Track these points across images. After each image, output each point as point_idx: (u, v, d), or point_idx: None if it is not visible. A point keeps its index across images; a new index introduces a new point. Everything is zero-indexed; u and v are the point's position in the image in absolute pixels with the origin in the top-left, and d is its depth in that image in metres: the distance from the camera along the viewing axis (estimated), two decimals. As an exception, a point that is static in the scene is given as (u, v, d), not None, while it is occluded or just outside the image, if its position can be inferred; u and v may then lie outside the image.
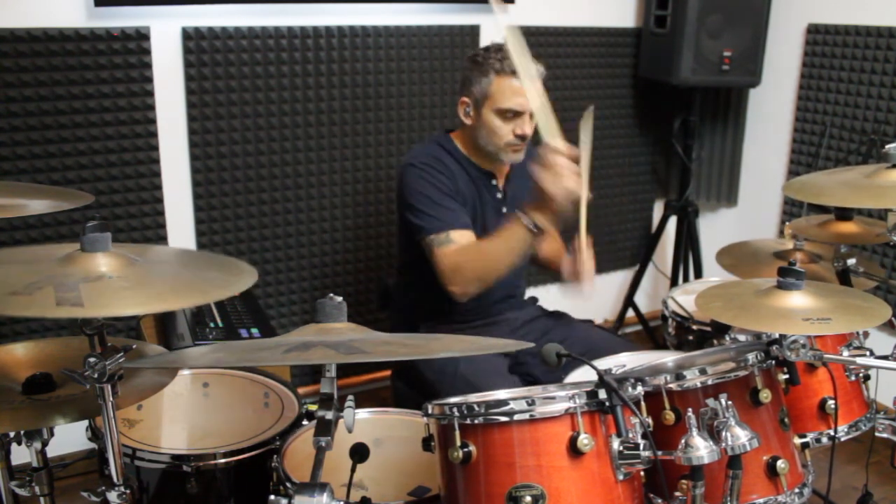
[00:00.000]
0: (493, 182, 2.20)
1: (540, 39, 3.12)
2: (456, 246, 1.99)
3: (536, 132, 1.94)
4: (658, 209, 3.69)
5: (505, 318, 2.27)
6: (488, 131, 2.07)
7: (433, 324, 2.20)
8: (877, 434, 1.76)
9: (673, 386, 1.42)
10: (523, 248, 1.92)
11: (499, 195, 2.21)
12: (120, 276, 1.19)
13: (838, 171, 1.97)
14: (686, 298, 2.26)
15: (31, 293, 1.10)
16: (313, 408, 1.26)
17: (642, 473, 1.32)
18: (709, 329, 2.07)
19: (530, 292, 2.46)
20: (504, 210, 2.20)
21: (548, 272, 2.38)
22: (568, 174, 1.78)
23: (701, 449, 1.20)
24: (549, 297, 2.53)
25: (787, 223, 2.20)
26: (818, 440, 1.67)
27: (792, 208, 3.30)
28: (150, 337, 2.32)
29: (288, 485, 1.46)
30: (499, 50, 2.04)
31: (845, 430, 1.70)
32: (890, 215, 1.76)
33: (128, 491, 1.34)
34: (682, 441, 1.21)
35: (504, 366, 2.11)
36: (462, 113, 2.12)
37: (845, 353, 1.70)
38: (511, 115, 2.04)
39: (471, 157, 2.17)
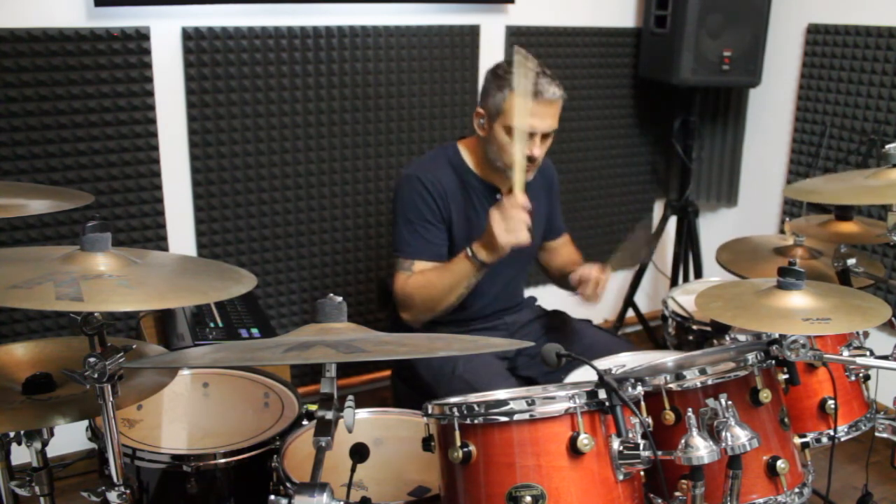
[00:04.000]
0: (498, 196, 2.14)
1: (540, 39, 3.12)
2: (409, 275, 2.04)
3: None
4: (658, 209, 3.69)
5: (503, 322, 2.26)
6: (498, 147, 2.02)
7: (431, 325, 2.19)
8: (877, 434, 1.76)
9: (673, 386, 1.42)
10: (468, 281, 2.01)
11: None
12: (119, 276, 1.19)
13: (837, 175, 1.98)
14: (686, 298, 2.26)
15: (30, 287, 1.10)
16: (313, 408, 1.25)
17: (642, 473, 1.32)
18: (709, 329, 2.07)
19: (529, 292, 2.46)
20: None
21: (564, 285, 2.36)
22: (521, 227, 1.88)
23: (701, 449, 1.20)
24: (548, 297, 2.53)
25: (787, 221, 2.20)
26: (818, 440, 1.67)
27: (792, 208, 3.30)
28: (150, 337, 2.32)
29: (288, 485, 1.46)
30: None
31: (845, 430, 1.70)
32: (890, 215, 1.75)
33: (128, 491, 1.34)
34: (682, 441, 1.21)
35: (503, 368, 2.10)
36: (476, 123, 2.08)
37: (845, 353, 1.70)
38: None
39: (476, 170, 2.14)
